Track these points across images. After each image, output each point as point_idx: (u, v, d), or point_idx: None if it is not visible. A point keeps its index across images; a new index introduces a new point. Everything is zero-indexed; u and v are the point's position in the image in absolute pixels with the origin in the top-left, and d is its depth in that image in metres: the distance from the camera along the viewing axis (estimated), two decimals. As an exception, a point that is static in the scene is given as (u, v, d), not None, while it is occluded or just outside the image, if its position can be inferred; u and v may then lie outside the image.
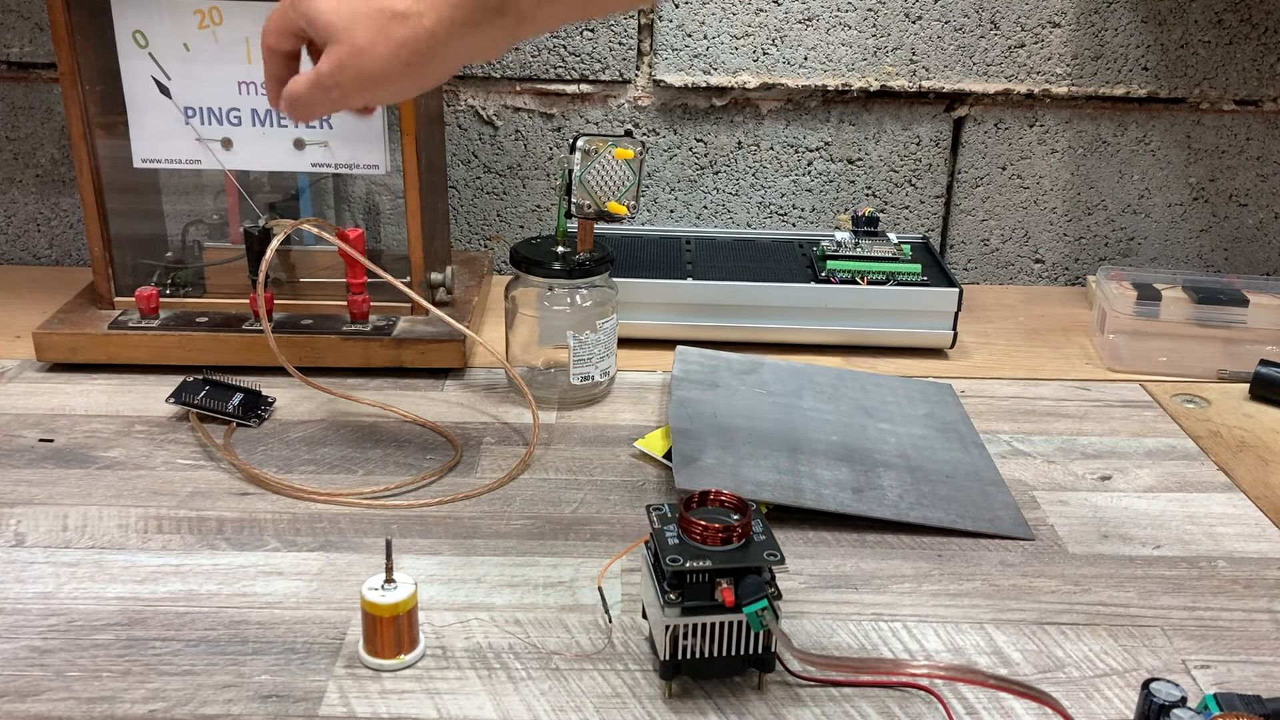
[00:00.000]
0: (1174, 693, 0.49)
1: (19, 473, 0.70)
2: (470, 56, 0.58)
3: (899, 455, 0.74)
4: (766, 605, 0.50)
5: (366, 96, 0.59)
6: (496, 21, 0.55)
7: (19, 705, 0.51)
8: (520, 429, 0.77)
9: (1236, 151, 1.06)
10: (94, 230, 0.85)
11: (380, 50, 0.56)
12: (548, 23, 0.57)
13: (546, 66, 1.02)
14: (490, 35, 0.56)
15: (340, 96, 0.59)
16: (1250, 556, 0.66)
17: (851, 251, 0.95)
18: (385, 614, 0.53)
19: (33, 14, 0.99)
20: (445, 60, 0.57)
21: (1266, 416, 0.83)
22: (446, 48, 0.56)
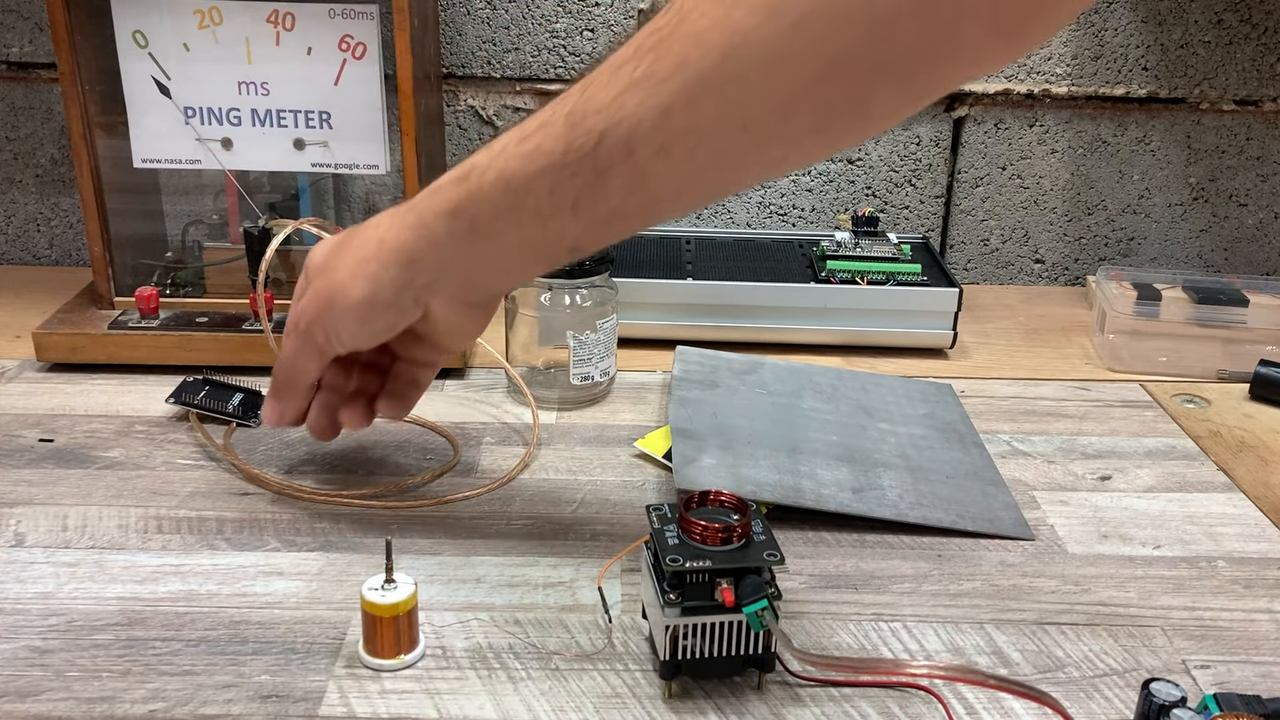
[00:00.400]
0: (1174, 693, 0.49)
1: (19, 473, 0.70)
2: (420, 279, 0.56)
3: (899, 455, 0.74)
4: (766, 605, 0.50)
5: (333, 333, 0.59)
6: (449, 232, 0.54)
7: (19, 705, 0.51)
8: (520, 429, 0.77)
9: (1236, 151, 1.06)
10: (94, 230, 0.85)
11: (346, 275, 0.57)
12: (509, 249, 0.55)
13: (546, 66, 1.02)
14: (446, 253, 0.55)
15: (313, 340, 0.60)
16: (1250, 556, 0.66)
17: (851, 251, 0.95)
18: (385, 614, 0.53)
19: (33, 14, 0.99)
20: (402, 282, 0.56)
21: (1266, 416, 0.83)
22: (401, 263, 0.56)
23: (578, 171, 0.49)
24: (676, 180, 0.50)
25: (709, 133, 0.47)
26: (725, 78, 0.46)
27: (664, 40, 0.47)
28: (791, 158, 0.50)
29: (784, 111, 0.47)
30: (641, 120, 0.47)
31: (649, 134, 0.48)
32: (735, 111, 0.47)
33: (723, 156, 0.49)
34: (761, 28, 0.44)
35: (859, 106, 0.47)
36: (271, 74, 0.81)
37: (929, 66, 0.46)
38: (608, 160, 0.49)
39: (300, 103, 0.82)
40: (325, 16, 0.80)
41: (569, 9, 1.01)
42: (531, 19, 1.01)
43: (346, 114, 0.82)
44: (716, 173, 0.50)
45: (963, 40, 0.44)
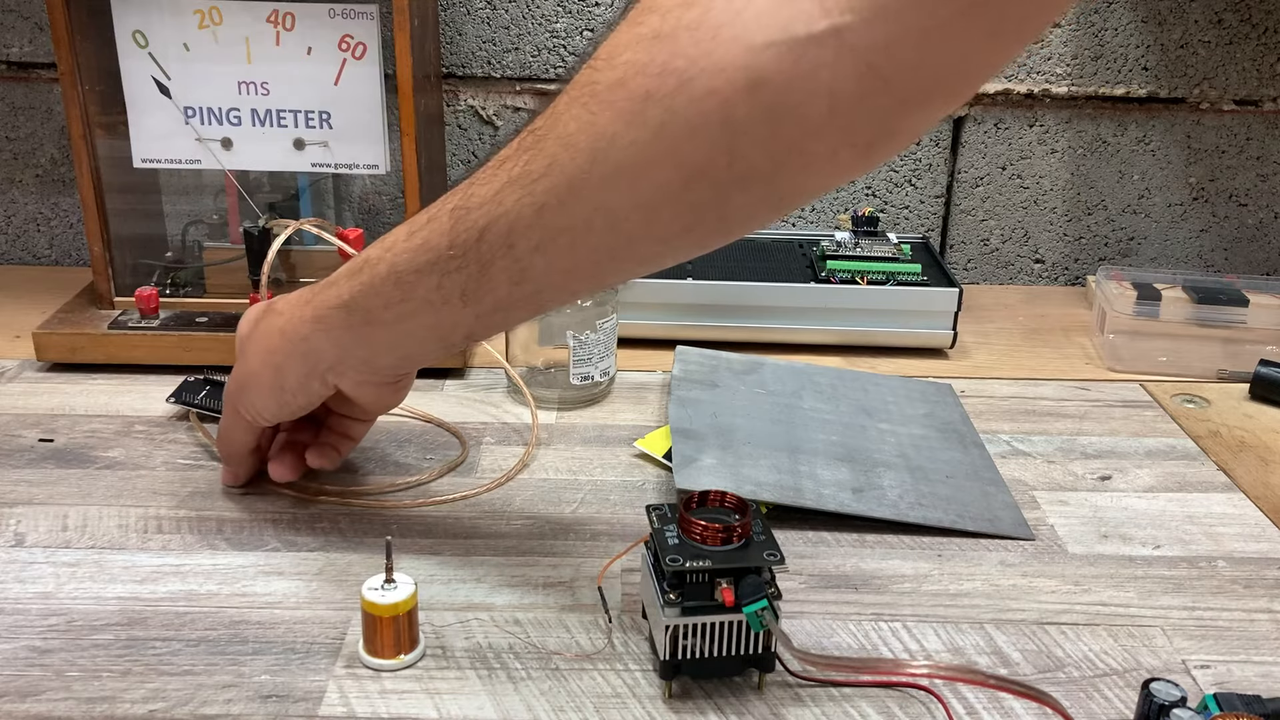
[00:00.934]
0: (1174, 693, 0.49)
1: (19, 473, 0.70)
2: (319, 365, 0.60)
3: (899, 455, 0.74)
4: (766, 605, 0.50)
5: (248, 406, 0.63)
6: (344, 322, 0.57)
7: (19, 705, 0.51)
8: (520, 429, 0.77)
9: (1236, 151, 1.06)
10: (94, 230, 0.85)
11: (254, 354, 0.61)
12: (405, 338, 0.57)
13: (546, 66, 1.02)
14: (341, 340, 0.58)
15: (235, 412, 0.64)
16: (1250, 556, 0.66)
17: (851, 251, 0.95)
18: (385, 614, 0.53)
19: (33, 14, 0.99)
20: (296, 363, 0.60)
21: (1266, 416, 0.83)
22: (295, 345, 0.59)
23: (463, 265, 0.52)
24: (556, 274, 0.52)
25: (580, 231, 0.49)
26: (591, 180, 0.48)
27: (540, 140, 0.49)
28: (664, 255, 0.52)
29: (648, 214, 0.48)
30: (519, 217, 0.50)
31: (525, 231, 0.50)
32: (602, 213, 0.49)
33: (596, 253, 0.51)
34: (623, 134, 0.46)
35: (720, 212, 0.48)
36: (271, 74, 0.81)
37: (783, 178, 0.47)
38: (489, 254, 0.51)
39: (300, 103, 0.82)
40: (325, 16, 0.80)
41: (569, 9, 1.01)
42: (531, 19, 1.01)
43: (346, 114, 0.82)
44: (593, 268, 0.52)
45: (811, 156, 0.46)
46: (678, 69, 0.45)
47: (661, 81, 0.45)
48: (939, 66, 0.44)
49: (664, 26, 0.46)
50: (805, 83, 0.43)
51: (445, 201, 0.53)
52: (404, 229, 0.55)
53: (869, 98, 0.44)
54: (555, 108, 0.49)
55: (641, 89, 0.46)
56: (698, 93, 0.44)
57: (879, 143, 0.46)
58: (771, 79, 0.44)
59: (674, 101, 0.45)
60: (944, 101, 0.46)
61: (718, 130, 0.45)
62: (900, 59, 0.43)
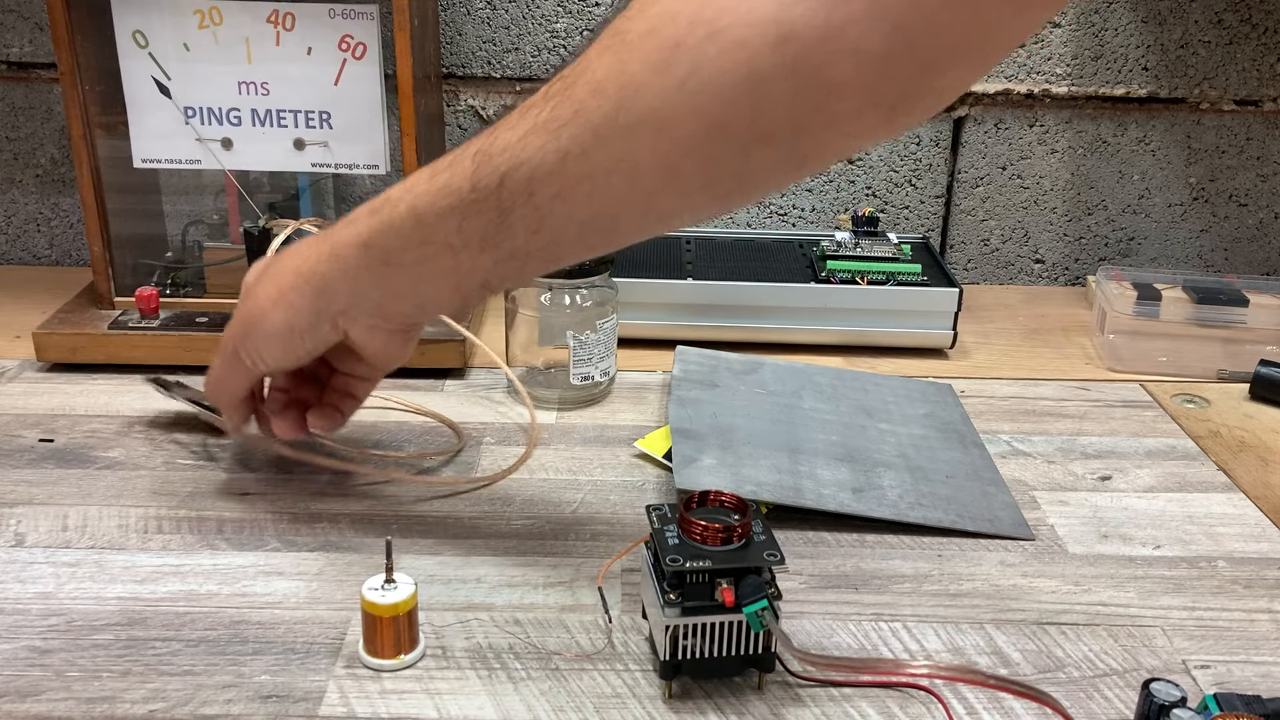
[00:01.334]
0: (1174, 693, 0.49)
1: (19, 473, 0.70)
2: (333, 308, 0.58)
3: (899, 455, 0.74)
4: (766, 605, 0.50)
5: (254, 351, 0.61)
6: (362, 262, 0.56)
7: (19, 705, 0.51)
8: (520, 429, 0.77)
9: (1236, 151, 1.06)
10: (94, 230, 0.85)
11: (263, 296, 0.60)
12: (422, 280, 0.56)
13: (546, 66, 1.02)
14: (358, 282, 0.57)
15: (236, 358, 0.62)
16: (1250, 556, 0.66)
17: (851, 251, 0.95)
18: (385, 614, 0.53)
19: (33, 14, 0.99)
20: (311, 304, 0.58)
21: (1266, 416, 0.83)
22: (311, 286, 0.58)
23: (483, 209, 0.51)
24: (574, 225, 0.51)
25: (600, 181, 0.49)
26: (616, 129, 0.48)
27: (568, 87, 0.49)
28: (683, 212, 0.52)
29: (670, 168, 0.48)
30: (541, 163, 0.49)
31: (546, 178, 0.50)
32: (624, 163, 0.49)
33: (615, 205, 0.51)
34: (650, 83, 0.46)
35: (741, 169, 0.48)
36: (271, 74, 0.81)
37: (805, 138, 0.47)
38: (510, 200, 0.51)
39: (300, 103, 0.82)
40: (325, 16, 0.80)
41: (569, 9, 1.01)
42: (531, 19, 1.01)
43: (346, 114, 0.82)
44: (611, 220, 0.52)
45: (835, 115, 0.46)
46: (707, 19, 0.45)
47: (691, 31, 0.45)
48: (966, 29, 0.44)
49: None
50: (833, 40, 0.44)
51: (468, 146, 0.52)
52: (426, 171, 0.54)
53: (895, 58, 0.44)
54: (586, 56, 0.49)
55: (672, 38, 0.46)
56: (727, 44, 0.45)
57: (903, 106, 0.46)
58: (800, 33, 0.44)
59: (702, 52, 0.45)
60: (969, 67, 0.46)
61: (743, 83, 0.45)
62: (928, 19, 0.43)
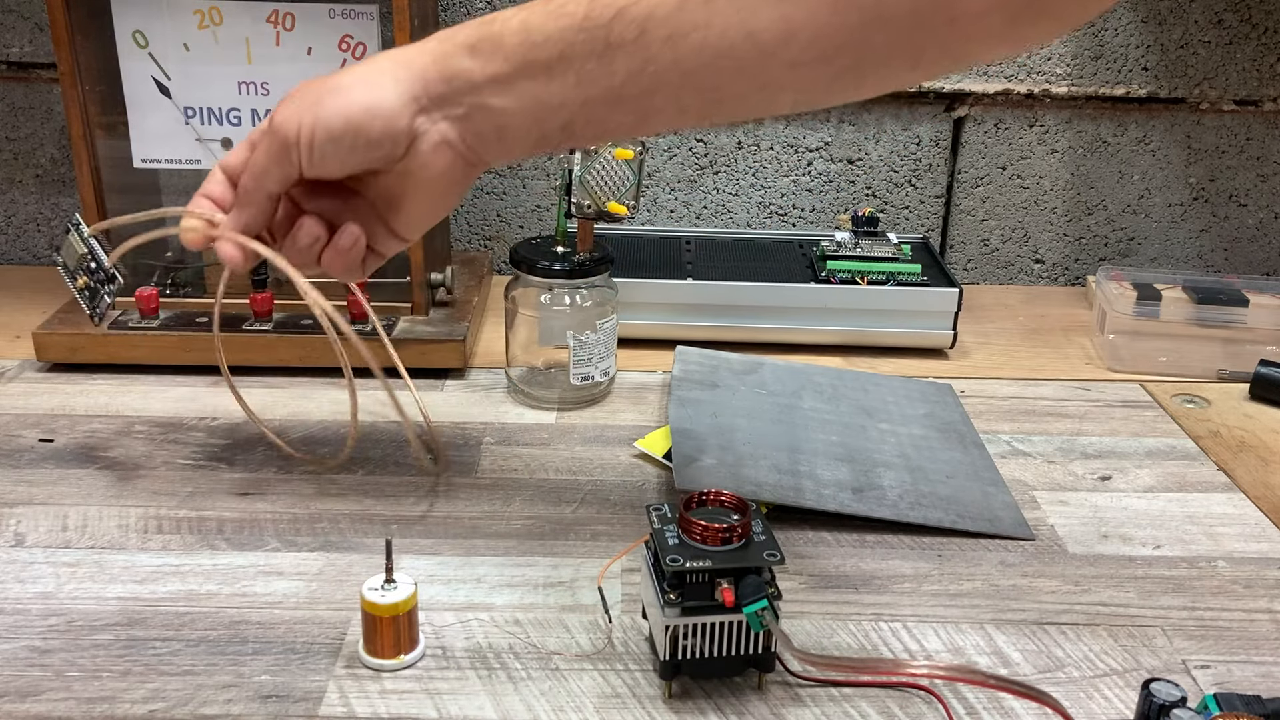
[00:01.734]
0: (1174, 693, 0.49)
1: (19, 473, 0.70)
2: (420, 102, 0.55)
3: (899, 455, 0.74)
4: (766, 605, 0.50)
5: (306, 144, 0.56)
6: (462, 65, 0.53)
7: (19, 705, 0.51)
8: (520, 429, 0.77)
9: (1236, 151, 1.06)
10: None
11: (344, 78, 0.56)
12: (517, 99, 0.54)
13: (546, 66, 1.02)
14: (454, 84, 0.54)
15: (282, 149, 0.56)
16: (1250, 556, 0.66)
17: (851, 251, 0.95)
18: (385, 614, 0.53)
19: (33, 14, 0.99)
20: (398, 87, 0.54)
21: (1266, 416, 0.83)
22: (403, 76, 0.54)
23: (590, 40, 0.51)
24: (676, 75, 0.51)
25: (716, 30, 0.49)
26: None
27: None
28: (788, 88, 0.51)
29: (787, 29, 0.48)
30: (657, 5, 0.49)
31: (662, 19, 0.49)
32: (745, 15, 0.48)
33: (723, 59, 0.50)
34: None
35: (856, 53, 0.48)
36: (271, 74, 0.81)
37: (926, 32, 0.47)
38: (619, 37, 0.50)
39: (300, 103, 0.82)
40: (325, 16, 0.80)
41: (569, 9, 1.00)
42: (531, 19, 1.01)
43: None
44: (713, 81, 0.51)
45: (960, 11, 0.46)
46: None
47: None
48: None
49: None
50: None
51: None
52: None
53: None
54: None
55: None
56: None
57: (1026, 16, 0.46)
58: None
59: None
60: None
61: None
62: None
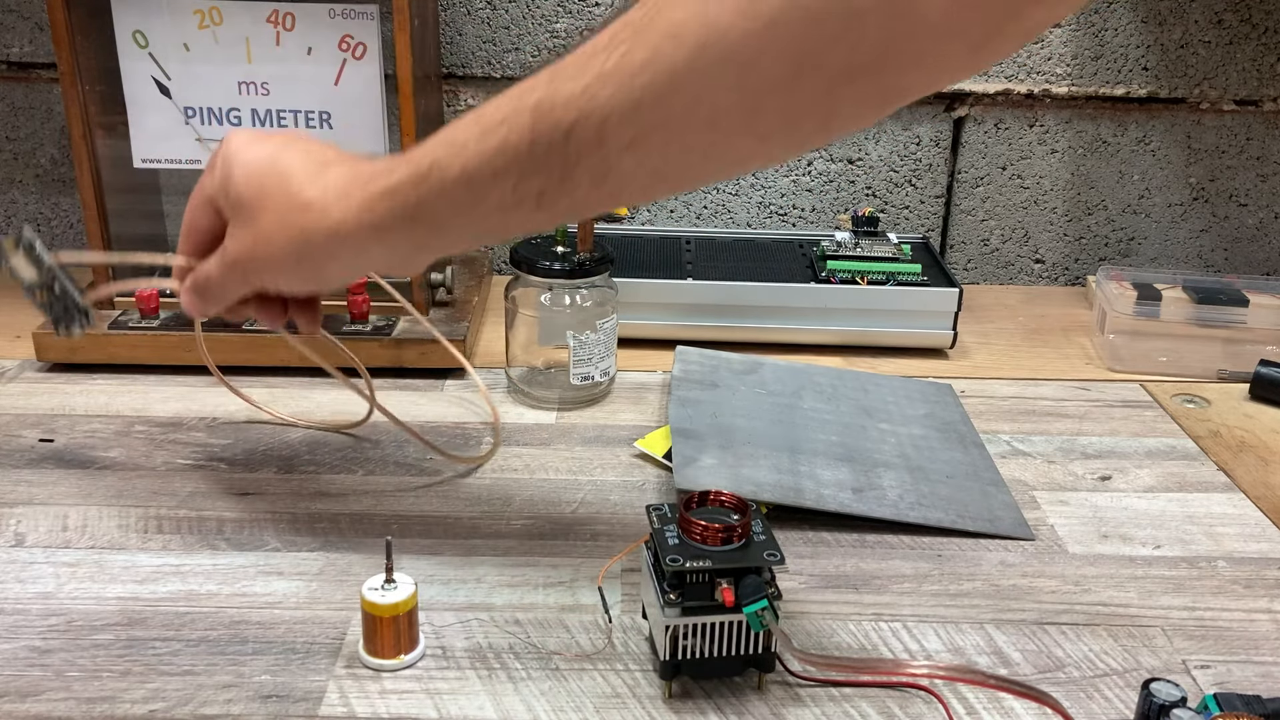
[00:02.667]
0: (1174, 693, 0.49)
1: (19, 473, 0.70)
2: (371, 267, 0.57)
3: (899, 455, 0.74)
4: (766, 605, 0.50)
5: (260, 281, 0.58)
6: (406, 231, 0.53)
7: (19, 705, 0.51)
8: (520, 429, 0.77)
9: (1236, 151, 1.06)
10: (94, 230, 0.85)
11: (278, 237, 0.55)
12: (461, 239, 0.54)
13: (546, 66, 1.02)
14: (397, 247, 0.54)
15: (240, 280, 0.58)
16: (1250, 556, 0.66)
17: (851, 251, 0.95)
18: (385, 614, 0.53)
19: (33, 14, 0.99)
20: (342, 264, 0.56)
21: (1266, 416, 0.83)
22: (345, 250, 0.55)
23: (544, 167, 0.49)
24: (643, 174, 0.49)
25: (678, 127, 0.47)
26: (697, 72, 0.46)
27: (639, 32, 0.47)
28: (757, 155, 0.50)
29: (752, 109, 0.46)
30: (612, 113, 0.47)
31: (618, 127, 0.47)
32: (704, 107, 0.46)
33: (690, 151, 0.48)
34: (735, 25, 0.44)
35: (825, 107, 0.47)
36: (271, 74, 0.81)
37: (891, 73, 0.46)
38: (576, 154, 0.48)
39: (300, 103, 0.82)
40: (325, 16, 0.80)
41: (569, 9, 1.01)
42: (531, 19, 1.01)
43: (346, 114, 0.82)
44: (683, 167, 0.50)
45: (923, 50, 0.45)
46: None
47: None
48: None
49: None
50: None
51: (523, 98, 0.49)
52: (474, 127, 0.51)
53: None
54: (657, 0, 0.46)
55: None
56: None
57: (988, 44, 0.45)
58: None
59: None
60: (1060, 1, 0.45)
61: (838, 17, 0.43)
62: None
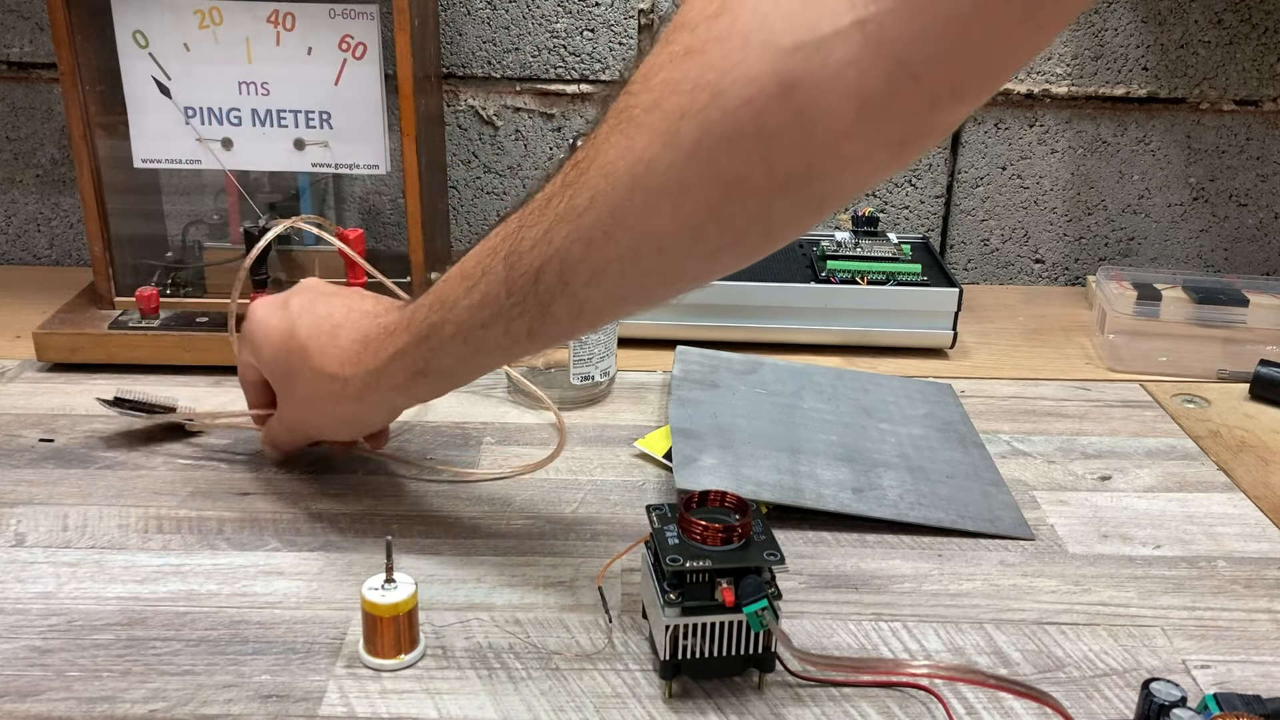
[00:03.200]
0: (1174, 693, 0.49)
1: (19, 473, 0.70)
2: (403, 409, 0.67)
3: (899, 455, 0.74)
4: (766, 605, 0.50)
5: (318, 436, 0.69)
6: (423, 383, 0.60)
7: (19, 705, 0.51)
8: (520, 429, 0.77)
9: (1236, 151, 1.06)
10: (94, 230, 0.85)
11: (317, 407, 0.64)
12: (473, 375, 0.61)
13: (546, 66, 1.02)
14: (417, 394, 0.63)
15: (302, 437, 0.69)
16: (1250, 556, 0.66)
17: (851, 251, 0.95)
18: (385, 614, 0.53)
19: (33, 14, 0.99)
20: (376, 415, 0.66)
21: (1266, 416, 0.83)
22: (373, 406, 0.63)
23: (525, 309, 0.53)
24: (612, 302, 0.53)
25: (629, 260, 0.50)
26: (634, 207, 0.48)
27: (582, 174, 0.49)
28: (714, 271, 0.52)
29: (693, 234, 0.48)
30: (568, 254, 0.50)
31: (576, 266, 0.50)
32: (649, 238, 0.49)
33: (646, 278, 0.51)
34: (660, 157, 0.46)
35: (764, 222, 0.48)
36: (271, 74, 0.81)
37: (820, 182, 0.47)
38: (548, 295, 0.52)
39: (300, 103, 0.82)
40: (325, 16, 0.80)
41: (569, 9, 1.01)
42: (531, 19, 1.01)
43: (346, 114, 0.83)
44: (645, 293, 0.53)
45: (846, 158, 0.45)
46: (709, 82, 0.44)
47: (694, 98, 0.45)
48: (970, 57, 0.43)
49: (694, 41, 0.45)
50: (834, 84, 0.43)
51: (497, 250, 0.53)
52: (459, 284, 0.55)
53: (899, 96, 0.43)
54: (595, 137, 0.49)
55: (676, 108, 0.45)
56: (731, 104, 0.44)
57: (912, 141, 0.46)
58: (802, 81, 0.43)
59: (708, 116, 0.45)
60: (976, 94, 0.45)
61: (753, 140, 0.44)
62: (929, 52, 0.42)
